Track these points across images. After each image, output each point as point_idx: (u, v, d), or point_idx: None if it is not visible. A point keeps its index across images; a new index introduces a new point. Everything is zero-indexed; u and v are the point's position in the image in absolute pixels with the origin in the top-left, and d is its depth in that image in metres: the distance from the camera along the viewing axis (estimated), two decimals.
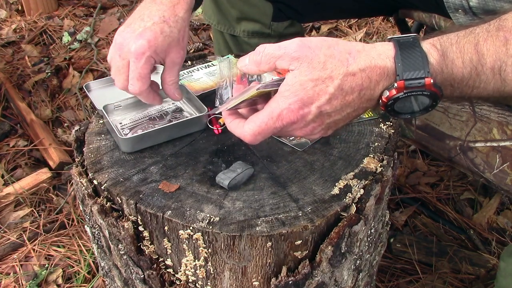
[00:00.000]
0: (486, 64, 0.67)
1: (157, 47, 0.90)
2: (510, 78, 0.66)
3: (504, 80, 0.67)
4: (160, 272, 0.86)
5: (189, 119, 0.95)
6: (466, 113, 1.56)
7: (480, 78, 0.68)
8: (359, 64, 0.69)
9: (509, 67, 0.66)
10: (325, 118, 0.72)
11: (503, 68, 0.66)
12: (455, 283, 1.43)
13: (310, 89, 0.69)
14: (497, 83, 0.68)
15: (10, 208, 1.69)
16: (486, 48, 0.67)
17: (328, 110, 0.71)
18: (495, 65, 0.67)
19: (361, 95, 0.70)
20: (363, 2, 1.36)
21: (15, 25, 2.59)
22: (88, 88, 1.09)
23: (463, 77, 0.69)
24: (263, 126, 0.72)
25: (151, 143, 0.92)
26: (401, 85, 0.68)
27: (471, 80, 0.69)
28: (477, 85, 0.69)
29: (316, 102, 0.70)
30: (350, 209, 0.81)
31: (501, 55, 0.66)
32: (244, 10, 1.36)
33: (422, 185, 1.74)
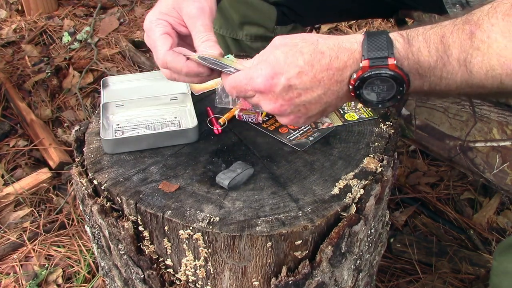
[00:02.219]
0: (452, 55, 0.68)
1: (161, 8, 0.88)
2: (476, 69, 0.67)
3: (471, 71, 0.68)
4: (160, 272, 0.86)
5: (172, 131, 0.93)
6: (466, 113, 1.56)
7: (447, 68, 0.69)
8: (328, 44, 0.73)
9: (475, 58, 0.67)
10: (295, 95, 0.74)
11: (468, 59, 0.67)
12: (455, 283, 1.43)
13: (282, 60, 0.73)
14: (464, 74, 0.68)
15: (10, 208, 1.69)
16: (452, 40, 0.68)
17: (297, 85, 0.73)
18: (460, 56, 0.68)
19: (330, 75, 0.73)
20: (364, 5, 1.36)
21: (15, 25, 2.59)
22: (105, 83, 1.08)
23: (429, 65, 0.70)
24: (238, 82, 0.78)
25: (133, 148, 0.92)
26: (366, 64, 0.71)
27: (437, 70, 0.70)
28: (444, 76, 0.70)
29: (285, 73, 0.73)
30: (350, 209, 0.81)
31: (466, 47, 0.67)
32: (247, 14, 1.35)
33: (422, 185, 1.74)
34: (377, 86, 0.73)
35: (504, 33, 0.64)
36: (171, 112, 1.01)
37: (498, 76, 0.66)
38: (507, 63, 0.65)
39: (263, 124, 0.98)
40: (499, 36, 0.65)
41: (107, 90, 1.06)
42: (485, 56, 0.66)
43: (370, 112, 1.01)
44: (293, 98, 0.75)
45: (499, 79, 0.66)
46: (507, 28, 0.64)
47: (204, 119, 0.98)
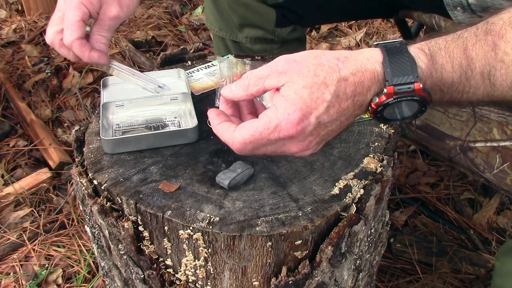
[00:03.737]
0: (475, 69, 0.66)
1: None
2: (499, 82, 0.66)
3: (494, 84, 0.66)
4: (160, 272, 0.86)
5: (172, 131, 0.93)
6: (466, 113, 1.56)
7: (470, 83, 0.67)
8: (350, 68, 0.67)
9: (498, 71, 0.65)
10: (322, 129, 0.69)
11: (492, 73, 0.66)
12: (455, 283, 1.43)
13: (307, 97, 0.66)
14: (486, 87, 0.67)
15: (10, 208, 1.69)
16: (475, 53, 0.66)
17: (325, 120, 0.68)
18: (484, 69, 0.66)
19: (354, 101, 0.68)
20: (364, 5, 1.36)
21: (15, 25, 2.59)
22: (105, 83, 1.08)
23: (453, 82, 0.68)
24: (257, 135, 0.67)
25: (133, 148, 0.92)
26: (391, 90, 0.67)
27: (461, 85, 0.68)
28: (467, 90, 0.68)
29: (315, 111, 0.66)
30: (350, 209, 0.81)
31: (490, 59, 0.66)
32: (246, 16, 1.35)
33: (422, 185, 1.74)
34: (399, 108, 0.71)
35: None
36: (171, 112, 1.01)
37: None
38: None
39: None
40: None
41: (107, 90, 1.06)
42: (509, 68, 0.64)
43: None
44: (320, 132, 0.69)
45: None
46: None
47: (204, 119, 0.98)
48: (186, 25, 2.65)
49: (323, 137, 0.71)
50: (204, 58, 1.21)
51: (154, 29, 2.59)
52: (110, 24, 0.93)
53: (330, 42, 2.51)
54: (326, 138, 0.72)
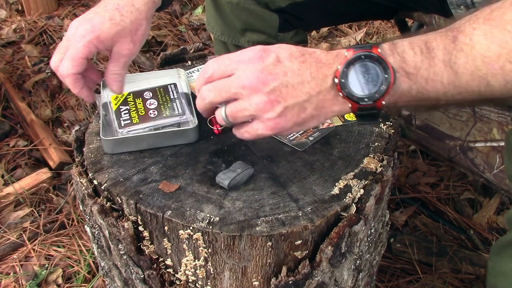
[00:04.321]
0: (437, 57, 0.68)
1: (101, 33, 0.89)
2: (462, 70, 0.67)
3: (457, 72, 0.68)
4: (160, 272, 0.86)
5: (172, 131, 0.93)
6: (466, 113, 1.56)
7: (433, 69, 0.69)
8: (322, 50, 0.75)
9: (459, 60, 0.67)
10: (281, 73, 0.71)
11: (453, 60, 0.67)
12: (455, 283, 1.43)
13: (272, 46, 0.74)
14: (450, 75, 0.68)
15: (10, 208, 1.69)
16: (435, 44, 0.69)
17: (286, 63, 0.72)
18: (445, 58, 0.68)
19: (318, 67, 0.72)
20: (364, 7, 1.36)
21: (15, 25, 2.59)
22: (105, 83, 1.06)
23: (415, 65, 0.69)
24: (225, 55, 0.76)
25: (133, 148, 0.91)
26: (351, 52, 0.72)
27: (423, 70, 0.69)
28: (431, 77, 0.69)
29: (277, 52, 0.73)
30: (350, 209, 0.81)
31: (450, 49, 0.67)
32: (249, 21, 1.34)
33: (422, 185, 1.74)
34: (362, 75, 0.72)
35: (486, 35, 0.65)
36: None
37: (484, 76, 0.67)
38: (491, 63, 0.65)
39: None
40: (482, 38, 0.66)
41: (107, 90, 1.06)
42: (469, 57, 0.66)
43: None
44: (279, 74, 0.72)
45: (486, 80, 0.67)
46: (489, 31, 0.65)
47: (204, 119, 0.98)
48: (186, 25, 2.65)
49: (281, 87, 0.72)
50: (204, 58, 1.21)
51: (154, 29, 2.59)
52: (125, 61, 0.94)
53: (330, 42, 2.51)
54: (284, 95, 0.72)
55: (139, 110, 0.95)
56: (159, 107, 0.96)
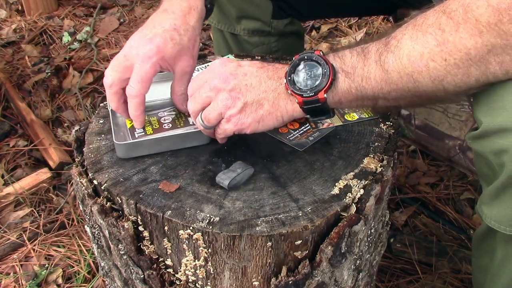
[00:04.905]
0: (370, 58, 0.77)
1: (165, 53, 0.90)
2: (392, 68, 0.75)
3: (387, 70, 0.75)
4: (160, 272, 0.86)
5: (187, 133, 0.92)
6: (465, 112, 1.56)
7: (368, 68, 0.77)
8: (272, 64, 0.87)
9: (389, 59, 0.75)
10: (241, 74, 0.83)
11: (383, 59, 0.75)
12: (455, 283, 1.43)
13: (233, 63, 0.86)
14: (381, 73, 0.76)
15: (10, 208, 1.69)
16: (370, 48, 0.78)
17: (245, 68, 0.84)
18: (376, 57, 0.76)
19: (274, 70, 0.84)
20: (361, 1, 1.37)
21: (15, 25, 2.59)
22: None
23: (352, 64, 0.79)
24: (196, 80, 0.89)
25: (147, 152, 0.91)
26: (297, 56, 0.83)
27: (359, 69, 0.78)
28: (366, 75, 0.77)
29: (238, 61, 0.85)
30: (350, 209, 0.81)
31: (381, 50, 0.76)
32: (244, 8, 1.36)
33: (422, 185, 1.74)
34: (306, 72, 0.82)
35: (412, 37, 0.73)
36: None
37: (411, 73, 0.73)
38: (416, 62, 0.73)
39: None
40: (408, 41, 0.73)
41: None
42: (397, 56, 0.74)
43: (370, 112, 1.01)
44: (239, 75, 0.83)
45: (413, 77, 0.74)
46: (414, 34, 0.73)
47: None
48: None
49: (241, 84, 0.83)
50: (204, 58, 1.21)
51: None
52: (188, 78, 0.96)
53: (330, 42, 2.51)
54: (244, 91, 0.83)
55: (153, 124, 0.95)
56: (173, 121, 0.96)
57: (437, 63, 0.71)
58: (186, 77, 0.95)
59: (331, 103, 0.82)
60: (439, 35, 0.71)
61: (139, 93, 0.90)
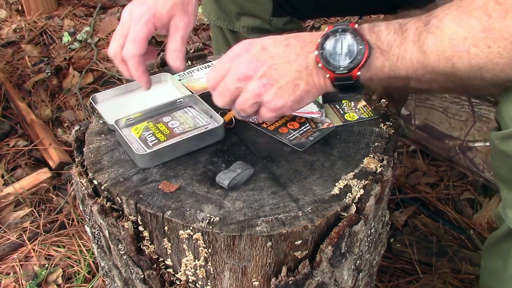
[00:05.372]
0: (408, 37, 0.73)
1: (156, 10, 0.91)
2: (430, 50, 0.71)
3: (425, 52, 0.72)
4: (160, 272, 0.86)
5: (206, 131, 0.92)
6: (465, 112, 1.56)
7: (404, 47, 0.73)
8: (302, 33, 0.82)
9: (429, 40, 0.71)
10: (269, 58, 0.79)
11: (422, 40, 0.72)
12: (455, 283, 1.43)
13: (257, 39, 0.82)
14: (419, 55, 0.72)
15: (10, 208, 1.69)
16: (409, 26, 0.74)
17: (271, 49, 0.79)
18: (415, 38, 0.72)
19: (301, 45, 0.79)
20: (361, 1, 1.37)
21: (15, 25, 2.59)
22: (95, 100, 1.04)
23: (388, 42, 0.75)
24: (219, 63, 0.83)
25: (167, 158, 0.89)
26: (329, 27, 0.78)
27: (395, 48, 0.74)
28: (402, 55, 0.73)
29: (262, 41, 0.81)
30: (350, 209, 0.81)
31: (421, 30, 0.72)
32: (243, 5, 1.36)
33: (422, 185, 1.74)
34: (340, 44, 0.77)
35: (455, 19, 0.69)
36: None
37: (450, 58, 0.70)
38: (457, 46, 0.69)
39: (263, 124, 0.98)
40: (451, 22, 0.70)
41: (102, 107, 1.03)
42: (437, 38, 0.70)
43: (370, 112, 1.01)
44: (266, 59, 0.79)
45: (451, 61, 0.70)
46: (458, 16, 0.69)
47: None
48: None
49: (271, 70, 0.79)
50: (204, 58, 1.21)
51: None
52: (183, 35, 0.95)
53: None
54: (275, 75, 0.79)
55: (163, 131, 0.94)
56: (182, 125, 0.95)
57: (480, 50, 0.68)
58: (179, 33, 0.94)
59: (362, 80, 0.78)
60: (485, 20, 0.67)
61: (133, 53, 0.90)
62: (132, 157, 0.90)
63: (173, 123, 0.96)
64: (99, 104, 1.04)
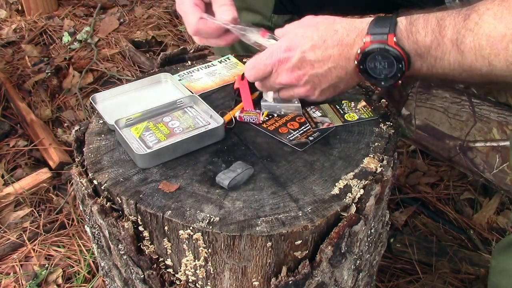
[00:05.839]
0: (446, 36, 0.73)
1: None
2: (468, 49, 0.71)
3: (463, 52, 0.71)
4: (160, 272, 0.86)
5: (206, 131, 0.92)
6: (466, 113, 1.56)
7: (441, 48, 0.74)
8: (342, 23, 0.82)
9: (466, 39, 0.71)
10: (309, 67, 0.83)
11: (460, 39, 0.71)
12: (455, 283, 1.43)
13: (300, 35, 0.82)
14: (456, 55, 0.72)
15: (10, 208, 1.69)
16: (448, 22, 0.73)
17: (310, 57, 0.82)
18: (453, 36, 0.72)
19: (340, 51, 0.81)
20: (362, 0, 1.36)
21: (15, 25, 2.59)
22: (95, 100, 1.04)
23: (425, 45, 0.75)
24: (258, 59, 0.86)
25: (168, 158, 0.89)
26: (368, 40, 0.78)
27: (433, 50, 0.75)
28: (439, 56, 0.74)
29: (301, 46, 0.82)
30: (350, 209, 0.81)
31: (459, 28, 0.71)
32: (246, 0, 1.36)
33: (422, 185, 1.74)
34: (379, 62, 0.79)
35: (496, 15, 0.68)
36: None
37: (487, 56, 0.70)
38: (495, 43, 0.68)
39: (263, 124, 0.98)
40: (491, 18, 0.69)
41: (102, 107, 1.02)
42: (476, 36, 0.70)
43: (370, 112, 1.01)
44: (307, 68, 0.83)
45: (488, 59, 0.70)
46: (500, 11, 0.68)
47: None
48: None
49: (313, 78, 0.84)
50: (204, 58, 1.21)
51: (154, 29, 2.59)
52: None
53: None
54: (318, 82, 0.85)
55: (163, 131, 0.94)
56: (182, 125, 0.95)
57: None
58: None
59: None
60: None
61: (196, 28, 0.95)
62: (132, 157, 0.90)
63: (173, 123, 0.96)
64: (99, 104, 1.04)
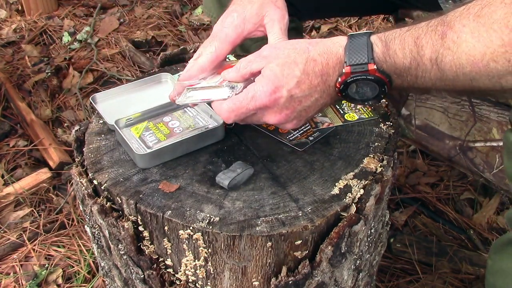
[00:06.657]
0: (425, 56, 0.72)
1: (245, 14, 0.92)
2: (448, 68, 0.70)
3: (443, 70, 0.71)
4: (160, 272, 0.86)
5: (206, 131, 0.92)
6: (465, 113, 1.56)
7: (421, 68, 0.73)
8: (318, 50, 0.79)
9: (445, 58, 0.70)
10: (296, 104, 0.80)
11: (439, 58, 0.71)
12: (455, 283, 1.43)
13: (279, 73, 0.78)
14: (436, 73, 0.72)
15: (10, 208, 1.69)
16: (425, 41, 0.72)
17: (298, 94, 0.79)
18: (432, 56, 0.71)
19: (323, 80, 0.79)
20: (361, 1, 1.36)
21: (15, 25, 2.59)
22: (95, 100, 1.04)
23: (404, 67, 0.74)
24: (238, 104, 0.80)
25: (168, 158, 0.90)
26: (348, 70, 0.77)
27: (412, 70, 0.74)
28: (420, 75, 0.74)
29: (286, 85, 0.78)
30: (350, 209, 0.81)
31: (438, 47, 0.71)
32: None
33: (422, 185, 1.74)
34: (361, 88, 0.79)
35: (474, 33, 0.67)
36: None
37: (468, 73, 0.69)
38: (476, 62, 0.68)
39: (263, 124, 0.98)
40: (469, 37, 0.68)
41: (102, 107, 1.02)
42: (455, 55, 0.69)
43: (370, 112, 1.01)
44: (295, 106, 0.80)
45: (469, 76, 0.70)
46: (476, 29, 0.67)
47: None
48: (186, 25, 2.65)
49: (301, 112, 0.82)
50: None
51: (154, 29, 2.59)
52: (281, 26, 0.93)
53: None
54: (304, 114, 0.83)
55: (163, 131, 0.94)
56: (182, 125, 0.95)
57: (499, 64, 0.66)
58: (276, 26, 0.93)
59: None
60: (506, 34, 0.64)
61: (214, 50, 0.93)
62: (132, 157, 0.90)
63: (173, 123, 0.96)
64: (99, 104, 1.04)
